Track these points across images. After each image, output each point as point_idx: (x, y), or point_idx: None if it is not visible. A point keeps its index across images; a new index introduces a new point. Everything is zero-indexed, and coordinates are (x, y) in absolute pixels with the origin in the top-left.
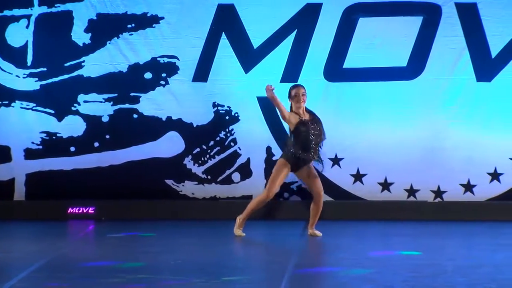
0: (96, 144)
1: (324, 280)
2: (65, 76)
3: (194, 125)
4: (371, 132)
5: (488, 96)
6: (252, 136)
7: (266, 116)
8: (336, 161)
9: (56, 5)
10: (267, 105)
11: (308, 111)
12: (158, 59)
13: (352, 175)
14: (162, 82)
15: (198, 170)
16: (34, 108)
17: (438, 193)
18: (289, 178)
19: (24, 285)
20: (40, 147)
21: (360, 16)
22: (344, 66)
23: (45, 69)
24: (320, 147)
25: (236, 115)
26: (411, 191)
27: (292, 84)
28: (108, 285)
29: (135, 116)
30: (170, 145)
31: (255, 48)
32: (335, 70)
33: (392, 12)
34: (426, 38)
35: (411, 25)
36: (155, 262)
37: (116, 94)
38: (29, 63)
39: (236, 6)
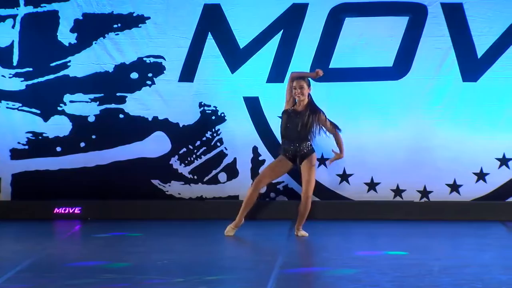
0: (82, 144)
1: (310, 280)
2: (51, 76)
3: (181, 125)
4: (357, 132)
5: (474, 96)
6: (239, 136)
7: (253, 116)
8: (322, 161)
9: (42, 5)
10: (254, 105)
11: (309, 105)
12: (144, 59)
13: (338, 175)
14: (149, 82)
15: (184, 170)
16: (20, 108)
17: (424, 193)
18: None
19: (10, 285)
20: (26, 147)
21: (346, 16)
22: (330, 66)
23: (31, 69)
24: (309, 142)
25: (223, 115)
26: (398, 191)
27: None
28: (95, 285)
29: (121, 116)
30: (156, 145)
31: (241, 48)
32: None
33: (378, 12)
34: (412, 38)
35: (397, 25)
36: (142, 262)
37: (102, 94)
38: (15, 63)
39: (222, 6)
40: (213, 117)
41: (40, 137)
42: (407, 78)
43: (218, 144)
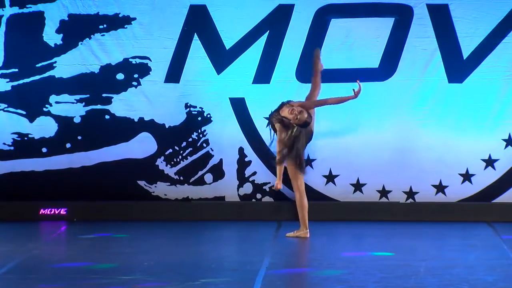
0: (68, 145)
1: (296, 280)
2: (37, 77)
3: (167, 126)
4: (343, 133)
5: (460, 97)
6: (225, 137)
7: (239, 117)
8: (308, 162)
9: (27, 6)
10: (240, 106)
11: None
12: (130, 60)
13: (324, 176)
14: (134, 83)
15: (170, 171)
16: (5, 109)
17: (410, 194)
18: (262, 179)
19: None
20: (12, 148)
21: (332, 17)
22: None
23: (16, 70)
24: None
25: (209, 116)
26: (383, 192)
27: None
28: (81, 287)
29: (107, 117)
30: (142, 146)
31: (227, 49)
32: (308, 71)
33: (364, 13)
34: (398, 39)
35: (383, 26)
36: (128, 263)
37: (88, 95)
38: (0, 64)
39: (208, 7)
40: (199, 118)
41: (25, 138)
42: (393, 79)
43: (204, 145)
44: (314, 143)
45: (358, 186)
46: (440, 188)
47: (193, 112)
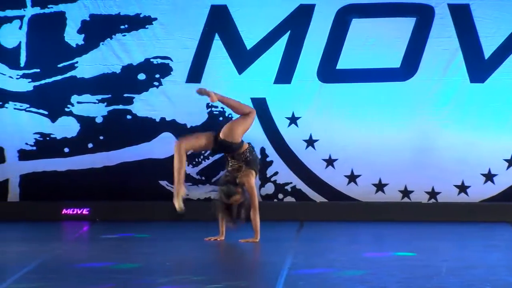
0: (90, 145)
1: (318, 281)
2: (58, 77)
3: (188, 126)
4: (365, 133)
5: (481, 97)
6: (246, 137)
7: (260, 117)
8: (330, 162)
9: (49, 6)
10: (261, 106)
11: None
12: (152, 60)
13: (346, 176)
14: (156, 83)
15: (192, 171)
16: (27, 109)
17: (432, 194)
18: (283, 179)
19: (17, 287)
20: (34, 148)
21: (353, 17)
22: (337, 67)
23: (38, 70)
24: None
25: (230, 116)
26: (406, 192)
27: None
28: (102, 286)
29: (128, 117)
30: (164, 146)
31: (248, 49)
32: (329, 71)
33: (385, 13)
34: (419, 39)
35: (404, 26)
36: (150, 263)
37: (109, 95)
38: (22, 64)
39: (229, 7)
40: (220, 118)
41: (47, 138)
42: (414, 79)
43: None
44: (336, 144)
45: (380, 186)
46: (462, 188)
47: (214, 112)
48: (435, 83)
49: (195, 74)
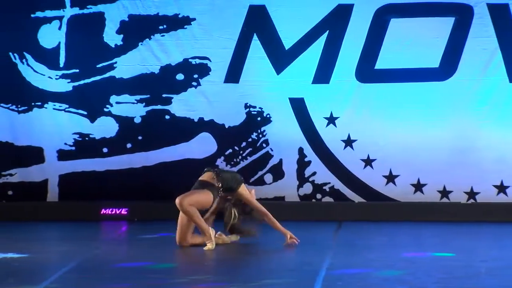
0: (129, 145)
1: (356, 281)
2: (97, 77)
3: (226, 126)
4: (403, 133)
5: None
6: (284, 137)
7: (298, 117)
8: (368, 162)
9: (88, 7)
10: (299, 106)
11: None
12: (190, 60)
13: (384, 176)
14: (194, 83)
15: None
16: (66, 110)
17: (471, 194)
18: (321, 179)
19: (57, 286)
20: (73, 148)
21: (391, 17)
22: (376, 67)
23: (77, 70)
24: None
25: (268, 116)
26: (444, 193)
27: None
28: (142, 286)
29: (167, 117)
30: (202, 146)
31: (286, 49)
32: (367, 71)
33: (424, 13)
34: (458, 39)
35: (443, 26)
36: (188, 263)
37: (148, 95)
38: (61, 65)
39: (267, 7)
40: (259, 118)
41: (86, 138)
42: (453, 79)
43: (264, 145)
44: (374, 143)
45: (418, 187)
46: (502, 188)
47: (252, 112)
48: (474, 83)
49: (234, 74)
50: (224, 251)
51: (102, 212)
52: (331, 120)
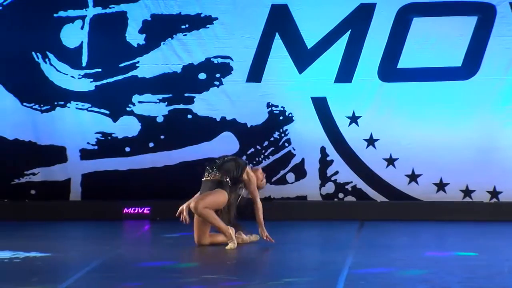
0: (151, 145)
1: (379, 280)
2: (120, 77)
3: (248, 126)
4: (426, 133)
5: None
6: (306, 137)
7: (320, 116)
8: (390, 161)
9: (110, 6)
10: (321, 106)
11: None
12: (212, 59)
13: (407, 175)
14: (216, 83)
15: None
16: (89, 109)
17: (494, 193)
18: (344, 178)
19: (80, 285)
20: (96, 147)
21: (414, 16)
22: (398, 66)
23: (100, 69)
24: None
25: (290, 115)
26: (467, 192)
27: None
28: (163, 285)
29: (189, 116)
30: (224, 145)
31: (309, 48)
32: (390, 70)
33: (447, 12)
34: (481, 38)
35: (466, 25)
36: (210, 262)
37: (170, 95)
38: (84, 64)
39: (289, 6)
40: (281, 118)
41: (109, 138)
42: (476, 78)
43: (286, 144)
44: (397, 143)
45: (441, 186)
46: None
47: (274, 112)
48: (497, 81)
49: (256, 73)
50: (245, 250)
51: (124, 211)
52: (353, 119)
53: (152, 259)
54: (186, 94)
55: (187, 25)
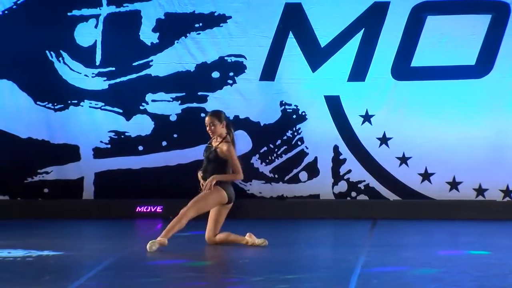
0: (164, 143)
1: (391, 279)
2: (133, 76)
3: (261, 124)
4: (439, 131)
5: None
6: (319, 135)
7: (333, 115)
8: (403, 160)
9: (124, 5)
10: (335, 104)
11: (222, 139)
12: (226, 58)
13: (420, 174)
14: (230, 81)
15: (265, 169)
16: (102, 108)
17: (507, 192)
18: (357, 177)
19: (93, 284)
20: (109, 146)
21: (428, 15)
22: (412, 65)
23: (113, 68)
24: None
25: (303, 114)
26: (480, 190)
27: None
28: (176, 284)
29: (202, 115)
30: (237, 144)
31: (322, 47)
32: (403, 69)
33: (460, 10)
34: (495, 36)
35: (480, 23)
36: (222, 260)
37: (183, 93)
38: (97, 63)
39: (303, 4)
40: (294, 116)
41: (122, 136)
42: (489, 77)
43: (299, 143)
44: (410, 141)
45: (454, 184)
46: None
47: (288, 110)
48: (510, 80)
49: (269, 72)
50: (257, 249)
51: (137, 210)
52: (367, 118)
53: (165, 257)
54: (199, 93)
55: (200, 24)
